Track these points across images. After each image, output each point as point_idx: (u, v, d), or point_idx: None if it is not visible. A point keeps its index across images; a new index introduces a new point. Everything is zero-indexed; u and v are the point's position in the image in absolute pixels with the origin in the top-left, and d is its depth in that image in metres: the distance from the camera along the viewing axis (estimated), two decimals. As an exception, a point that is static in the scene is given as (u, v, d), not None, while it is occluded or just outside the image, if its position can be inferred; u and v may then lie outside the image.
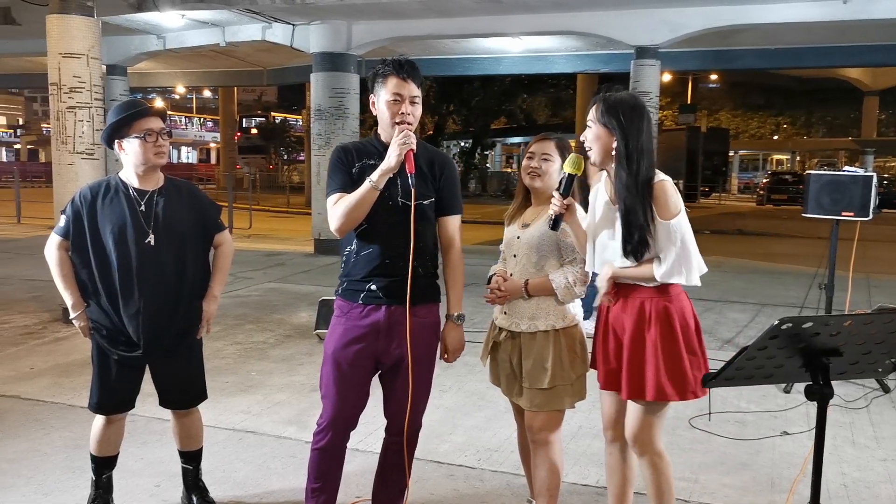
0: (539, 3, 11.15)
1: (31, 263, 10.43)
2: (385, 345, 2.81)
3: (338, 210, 2.73)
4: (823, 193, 5.23)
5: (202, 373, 3.32)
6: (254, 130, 46.70)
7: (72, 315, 3.11)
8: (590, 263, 2.87)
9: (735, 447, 4.21)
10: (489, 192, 33.55)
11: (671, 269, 2.63)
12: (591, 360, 3.00)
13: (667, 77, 20.15)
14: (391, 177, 2.71)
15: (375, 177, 2.68)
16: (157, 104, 37.31)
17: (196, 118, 61.29)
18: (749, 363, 2.02)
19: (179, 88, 41.32)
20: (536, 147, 3.01)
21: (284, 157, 45.35)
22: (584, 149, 2.80)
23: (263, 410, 4.72)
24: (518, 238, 3.02)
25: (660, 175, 2.70)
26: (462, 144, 36.69)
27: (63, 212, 3.09)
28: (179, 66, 20.92)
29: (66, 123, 7.31)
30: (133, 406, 3.22)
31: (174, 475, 3.57)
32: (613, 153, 2.68)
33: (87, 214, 3.02)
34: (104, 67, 11.30)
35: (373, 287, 2.78)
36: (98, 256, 3.02)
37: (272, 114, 50.08)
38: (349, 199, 2.71)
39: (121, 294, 3.02)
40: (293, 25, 12.66)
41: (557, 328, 2.93)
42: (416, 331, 2.79)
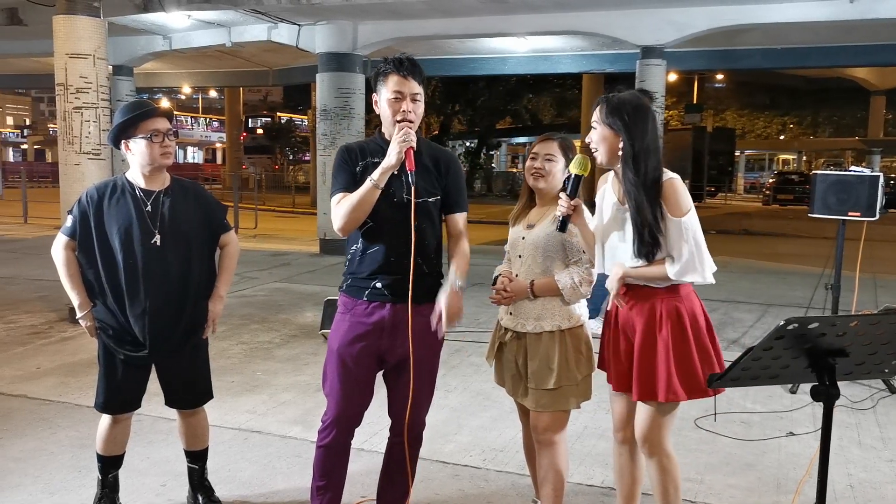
0: (544, 3, 11.14)
1: (38, 263, 10.47)
2: (389, 343, 2.81)
3: (340, 209, 2.73)
4: (830, 193, 5.22)
5: (208, 372, 3.33)
6: (259, 130, 46.68)
7: (78, 315, 3.12)
8: (599, 265, 2.86)
9: (741, 448, 4.20)
10: (494, 192, 33.54)
11: (685, 267, 2.61)
12: (600, 362, 2.99)
13: (672, 77, 20.08)
14: (395, 175, 2.72)
15: (376, 175, 2.68)
16: (164, 104, 37.41)
17: (202, 118, 61.39)
18: (755, 364, 2.01)
19: (185, 89, 41.33)
20: (540, 147, 3.01)
21: (290, 157, 45.35)
22: (591, 150, 2.80)
23: (269, 410, 4.73)
24: (523, 239, 3.02)
25: (668, 173, 2.69)
26: (467, 144, 36.67)
27: (70, 212, 3.10)
28: (185, 67, 20.97)
29: (73, 124, 7.33)
30: (139, 406, 3.23)
31: (180, 474, 3.58)
32: (620, 153, 2.68)
33: (94, 215, 3.03)
34: (110, 68, 11.37)
35: (378, 285, 2.79)
36: (104, 256, 3.03)
37: (278, 114, 50.06)
38: (351, 199, 2.71)
39: (127, 294, 3.03)
40: (299, 26, 12.67)
41: (563, 329, 2.92)
42: (421, 330, 2.79)
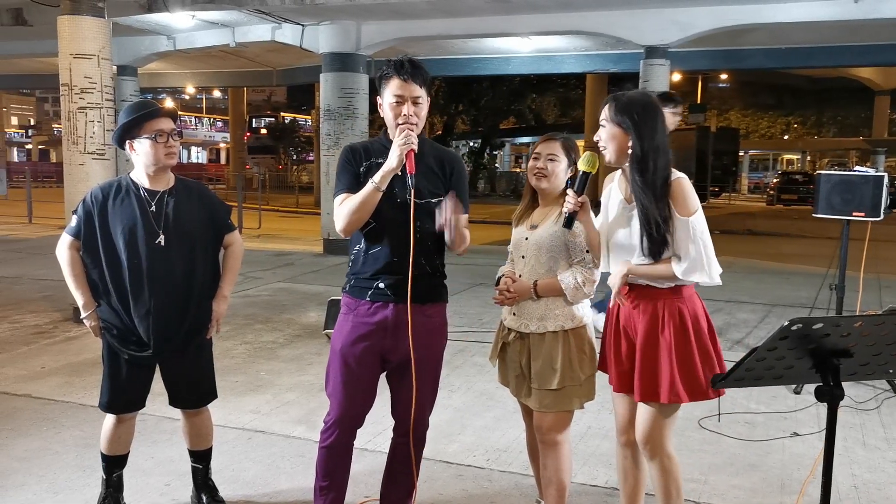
0: (547, 3, 11.13)
1: (43, 263, 10.50)
2: (392, 343, 2.81)
3: (343, 210, 2.75)
4: (834, 193, 5.21)
5: (212, 372, 3.34)
6: (263, 130, 46.75)
7: (83, 314, 3.13)
8: (604, 264, 2.86)
9: (745, 448, 4.19)
10: (498, 192, 33.52)
11: (691, 267, 2.61)
12: (601, 363, 2.98)
13: (676, 77, 20.03)
14: (398, 175, 2.72)
15: (378, 178, 2.69)
16: (168, 105, 37.45)
17: (206, 118, 61.50)
18: (759, 364, 2.01)
19: (189, 89, 41.40)
20: (542, 147, 3.00)
21: (294, 158, 45.39)
22: (599, 148, 2.78)
23: (273, 410, 4.74)
24: (526, 239, 3.01)
25: (676, 173, 2.68)
26: (471, 144, 36.66)
27: (74, 212, 3.11)
28: (189, 67, 20.99)
29: (77, 124, 7.35)
30: (143, 405, 3.23)
31: (184, 474, 3.58)
32: (629, 152, 2.68)
33: (99, 215, 3.04)
34: (115, 68, 11.37)
35: (381, 285, 2.80)
36: (109, 256, 3.04)
37: (281, 114, 50.10)
38: (353, 200, 2.72)
39: (131, 294, 3.04)
40: (303, 26, 12.69)
41: (566, 329, 2.92)
42: (423, 330, 2.80)
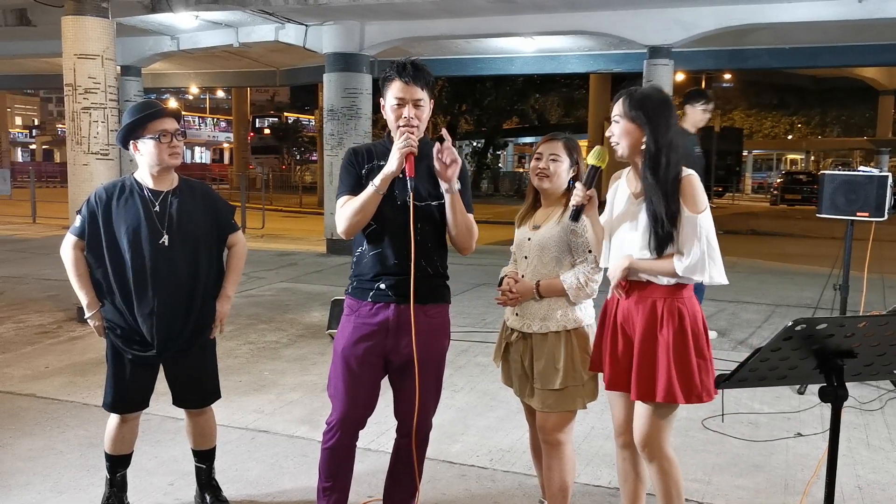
0: (551, 3, 11.12)
1: (47, 263, 10.53)
2: (394, 343, 2.82)
3: (344, 213, 2.76)
4: (838, 193, 5.20)
5: (215, 372, 3.34)
6: (267, 131, 46.82)
7: (87, 314, 3.14)
8: (604, 259, 2.85)
9: (748, 449, 4.19)
10: (501, 192, 33.53)
11: (694, 265, 2.60)
12: (593, 363, 2.91)
13: (680, 77, 19.99)
14: (399, 178, 2.72)
15: (378, 181, 2.70)
16: (171, 105, 37.52)
17: (209, 118, 61.56)
18: (763, 364, 2.01)
19: (193, 89, 41.40)
20: (544, 148, 3.01)
21: (297, 158, 45.41)
22: (611, 144, 2.77)
23: (276, 410, 4.74)
24: (529, 240, 3.01)
25: (686, 169, 2.68)
26: (474, 144, 36.67)
27: (78, 212, 3.11)
28: (193, 67, 21.02)
29: (81, 124, 7.37)
30: (147, 405, 3.24)
31: (188, 474, 3.59)
32: (643, 148, 2.67)
33: (103, 215, 3.05)
34: (119, 68, 11.37)
35: (382, 286, 2.80)
36: (113, 256, 3.05)
37: (285, 114, 50.16)
38: (354, 203, 2.73)
39: (135, 294, 3.05)
40: (306, 26, 12.70)
41: (569, 329, 2.92)
42: (426, 331, 2.80)
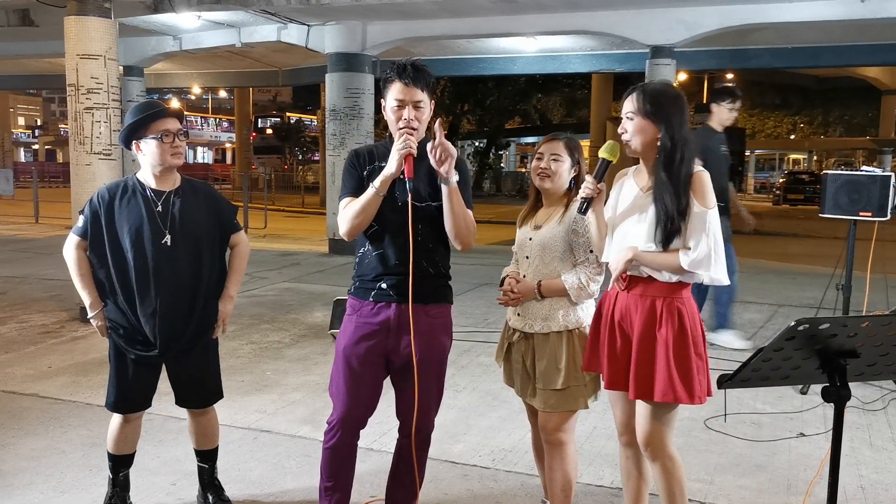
0: (553, 3, 11.12)
1: (50, 263, 10.54)
2: (395, 342, 2.82)
3: (345, 215, 2.77)
4: (841, 193, 5.20)
5: (218, 372, 3.35)
6: (269, 131, 46.82)
7: (89, 314, 3.14)
8: (606, 255, 2.85)
9: (751, 449, 4.18)
10: (504, 192, 33.52)
11: (700, 260, 2.59)
12: (587, 363, 2.88)
13: (682, 76, 19.99)
14: (400, 178, 2.73)
15: (377, 183, 2.70)
16: (174, 105, 37.56)
17: (212, 119, 61.67)
18: (765, 364, 2.01)
19: (195, 89, 41.45)
20: (546, 147, 3.01)
21: (299, 158, 45.41)
22: (623, 140, 2.76)
23: (278, 410, 4.74)
24: (530, 240, 3.02)
25: (698, 166, 2.68)
26: (476, 144, 36.67)
27: (81, 212, 3.12)
28: (195, 67, 21.04)
29: (84, 124, 7.37)
30: (150, 405, 3.24)
31: (190, 474, 3.60)
32: (657, 144, 2.66)
33: (105, 215, 3.05)
34: (121, 68, 11.41)
35: (383, 286, 2.81)
36: (115, 256, 3.05)
37: (287, 114, 50.18)
38: (354, 205, 2.74)
39: (137, 294, 3.05)
40: (308, 26, 12.70)
41: (570, 329, 2.92)
42: (427, 331, 2.81)
